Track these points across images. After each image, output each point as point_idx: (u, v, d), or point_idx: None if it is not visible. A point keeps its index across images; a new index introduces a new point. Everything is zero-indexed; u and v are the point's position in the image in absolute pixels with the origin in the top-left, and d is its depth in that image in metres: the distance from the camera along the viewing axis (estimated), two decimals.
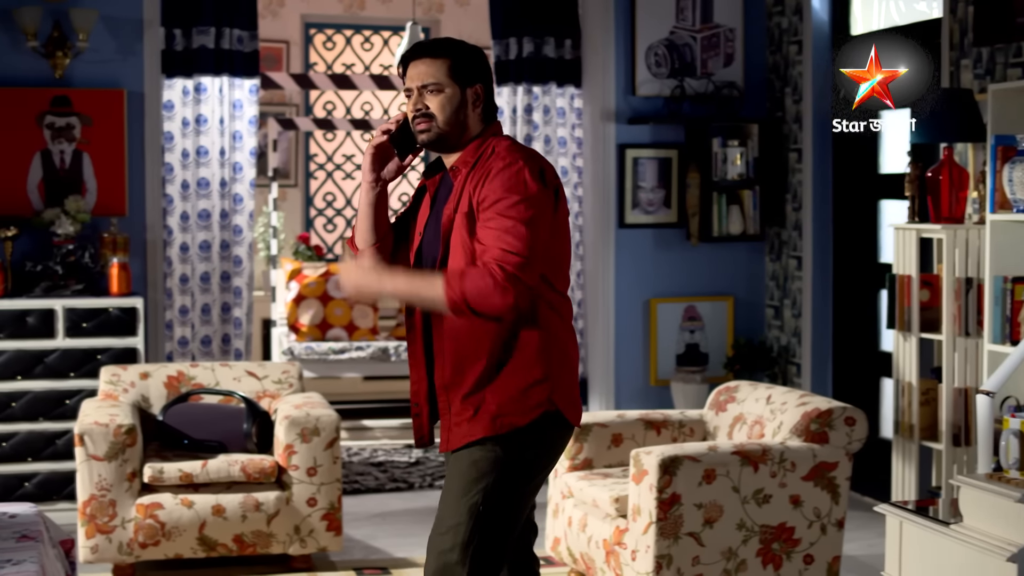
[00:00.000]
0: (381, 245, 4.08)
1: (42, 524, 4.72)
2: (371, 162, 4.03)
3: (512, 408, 3.85)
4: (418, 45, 3.98)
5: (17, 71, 7.58)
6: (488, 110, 4.01)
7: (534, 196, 3.79)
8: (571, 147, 8.36)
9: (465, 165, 3.93)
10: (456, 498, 3.86)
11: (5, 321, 7.12)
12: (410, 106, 3.96)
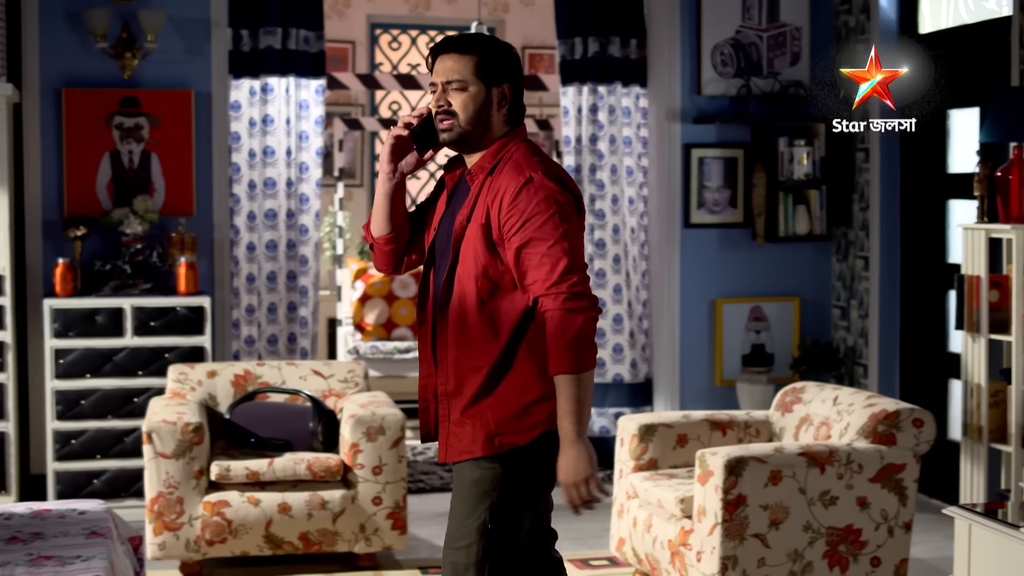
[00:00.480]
0: (396, 235, 4.02)
1: (111, 521, 4.76)
2: (389, 153, 3.93)
3: (511, 427, 3.78)
4: (447, 39, 3.87)
5: (86, 72, 7.65)
6: (515, 111, 3.90)
7: (562, 206, 3.71)
8: (636, 147, 8.34)
9: (482, 171, 3.84)
10: (464, 517, 3.80)
11: (74, 320, 7.19)
12: (433, 101, 3.86)
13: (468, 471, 3.81)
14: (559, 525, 7.16)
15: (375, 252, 4.07)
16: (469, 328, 3.78)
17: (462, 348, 3.80)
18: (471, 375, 3.79)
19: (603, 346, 8.43)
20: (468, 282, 3.78)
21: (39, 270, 7.61)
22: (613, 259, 8.40)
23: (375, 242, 4.05)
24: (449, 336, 3.82)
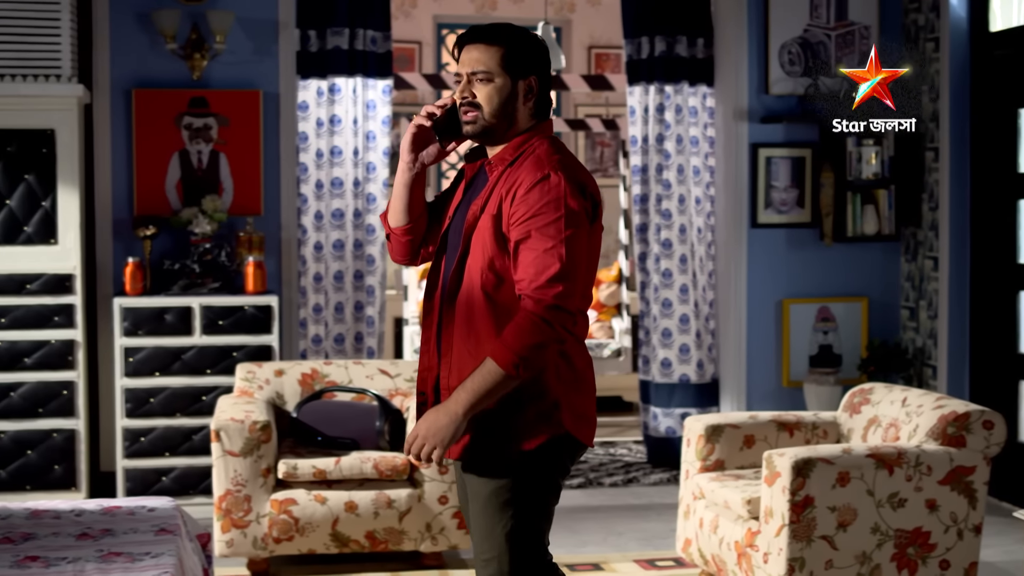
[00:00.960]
0: (413, 226, 3.92)
1: (180, 518, 4.79)
2: (410, 142, 3.83)
3: (521, 434, 3.68)
4: (473, 29, 3.77)
5: (156, 73, 7.72)
6: (541, 105, 3.79)
7: (572, 212, 3.58)
8: (703, 146, 8.31)
9: (501, 163, 3.73)
10: (488, 530, 3.73)
11: (144, 318, 7.25)
12: (458, 92, 3.76)
13: (483, 484, 3.73)
14: (627, 525, 7.16)
15: (392, 242, 3.97)
16: (475, 322, 3.68)
17: (467, 343, 3.69)
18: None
19: (669, 346, 8.41)
20: (475, 274, 3.68)
21: (109, 269, 7.68)
22: (680, 259, 8.38)
23: (392, 232, 3.95)
24: (455, 329, 3.72)
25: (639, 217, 8.48)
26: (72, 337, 7.22)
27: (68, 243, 7.22)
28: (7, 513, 4.85)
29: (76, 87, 7.19)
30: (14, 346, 7.18)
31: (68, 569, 4.17)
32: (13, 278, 7.17)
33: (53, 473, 7.22)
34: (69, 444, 7.23)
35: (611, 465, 8.63)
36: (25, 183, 7.18)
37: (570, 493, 7.93)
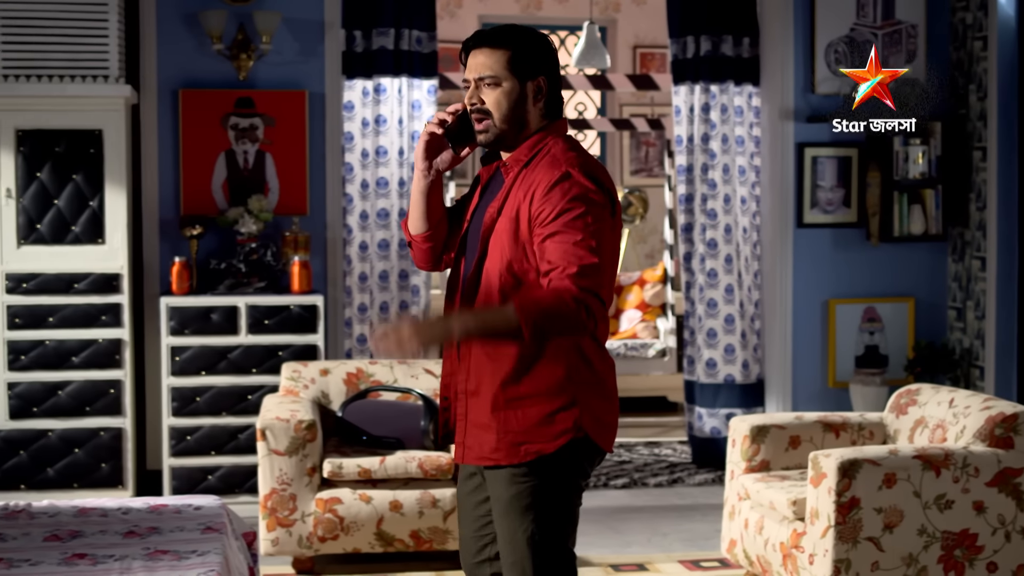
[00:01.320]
0: (433, 233, 3.87)
1: (226, 516, 4.81)
2: (424, 150, 3.78)
3: (536, 435, 3.64)
4: (478, 34, 3.73)
5: (203, 73, 7.75)
6: (552, 104, 3.74)
7: (594, 208, 3.55)
8: (749, 146, 8.29)
9: (516, 164, 3.69)
10: (511, 534, 3.70)
11: (190, 318, 7.29)
12: (466, 99, 3.72)
13: (504, 488, 3.69)
14: (671, 525, 7.15)
15: (414, 249, 3.93)
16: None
17: (485, 346, 3.66)
18: (493, 376, 3.66)
19: (714, 346, 8.40)
20: (494, 277, 3.64)
21: (156, 269, 7.72)
22: (725, 259, 8.35)
23: (413, 239, 3.91)
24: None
25: (684, 217, 8.46)
26: (119, 336, 7.27)
27: (115, 243, 7.26)
28: (55, 511, 4.88)
29: (124, 87, 7.24)
30: (62, 345, 7.23)
31: (115, 567, 4.19)
32: (61, 277, 7.23)
33: (100, 471, 7.27)
34: (116, 442, 7.28)
35: (656, 465, 8.61)
36: (73, 183, 7.23)
37: (615, 493, 7.93)
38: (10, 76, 7.19)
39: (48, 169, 7.22)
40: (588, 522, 7.16)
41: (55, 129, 7.22)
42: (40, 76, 7.21)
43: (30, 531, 4.61)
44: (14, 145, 7.18)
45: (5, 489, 7.19)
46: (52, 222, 7.23)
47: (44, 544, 4.46)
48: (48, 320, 7.22)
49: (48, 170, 7.22)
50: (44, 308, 7.23)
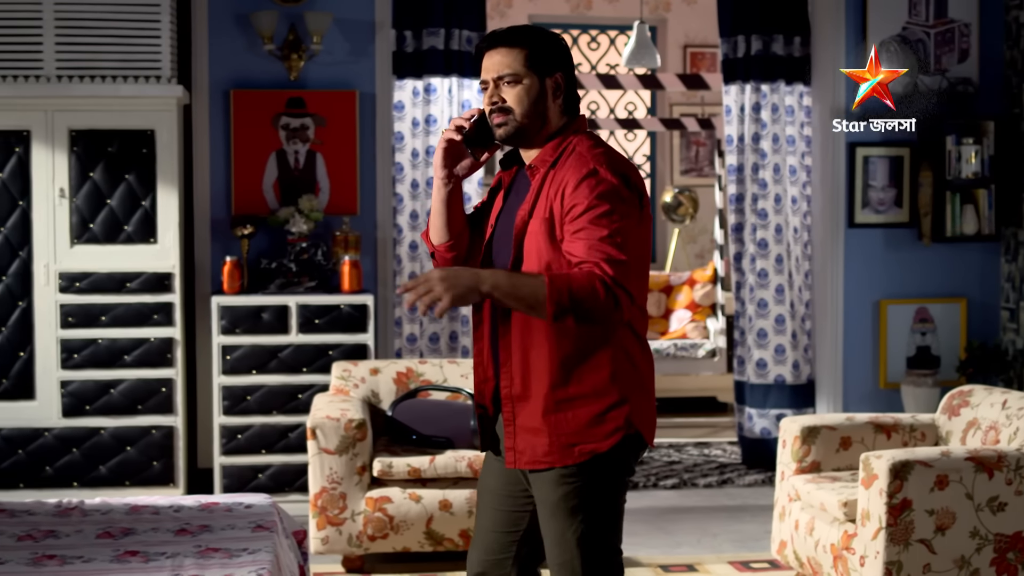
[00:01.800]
0: (455, 242, 3.85)
1: (276, 515, 4.83)
2: (442, 157, 3.77)
3: (590, 435, 3.63)
4: (492, 34, 3.74)
5: (254, 73, 7.79)
6: (570, 101, 3.75)
7: (624, 205, 3.55)
8: (799, 145, 8.25)
9: (543, 164, 3.68)
10: (560, 535, 3.68)
11: (241, 317, 7.32)
12: (486, 99, 3.72)
13: (551, 489, 3.68)
14: (721, 526, 7.13)
15: (437, 260, 3.90)
16: (537, 328, 3.63)
17: (529, 350, 3.65)
18: (541, 378, 3.64)
19: (765, 347, 8.36)
20: None
21: (207, 268, 7.76)
22: (776, 259, 8.32)
23: (436, 250, 3.88)
24: (513, 337, 3.67)
25: (735, 217, 8.43)
26: (171, 335, 7.31)
27: (167, 242, 7.31)
28: (107, 508, 4.92)
29: (176, 88, 7.28)
30: (114, 344, 7.28)
31: (167, 564, 4.21)
32: (114, 277, 7.28)
33: (152, 469, 7.32)
34: (167, 441, 7.32)
35: (705, 466, 8.59)
36: (126, 183, 7.28)
37: (664, 494, 7.91)
38: (64, 77, 7.24)
39: (101, 169, 7.27)
40: (638, 522, 7.16)
41: (108, 129, 7.27)
42: (93, 77, 7.26)
43: (83, 528, 4.65)
44: (68, 145, 7.24)
45: (58, 486, 7.24)
46: (105, 222, 7.28)
47: (97, 541, 4.50)
48: (101, 319, 7.27)
49: (101, 170, 7.27)
50: (97, 307, 7.28)
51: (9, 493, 7.14)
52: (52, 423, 7.28)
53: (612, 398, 3.65)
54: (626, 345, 3.67)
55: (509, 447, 3.72)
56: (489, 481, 3.91)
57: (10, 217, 7.24)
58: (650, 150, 13.13)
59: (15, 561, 4.26)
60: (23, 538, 4.53)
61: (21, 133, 7.23)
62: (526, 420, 3.68)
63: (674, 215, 12.46)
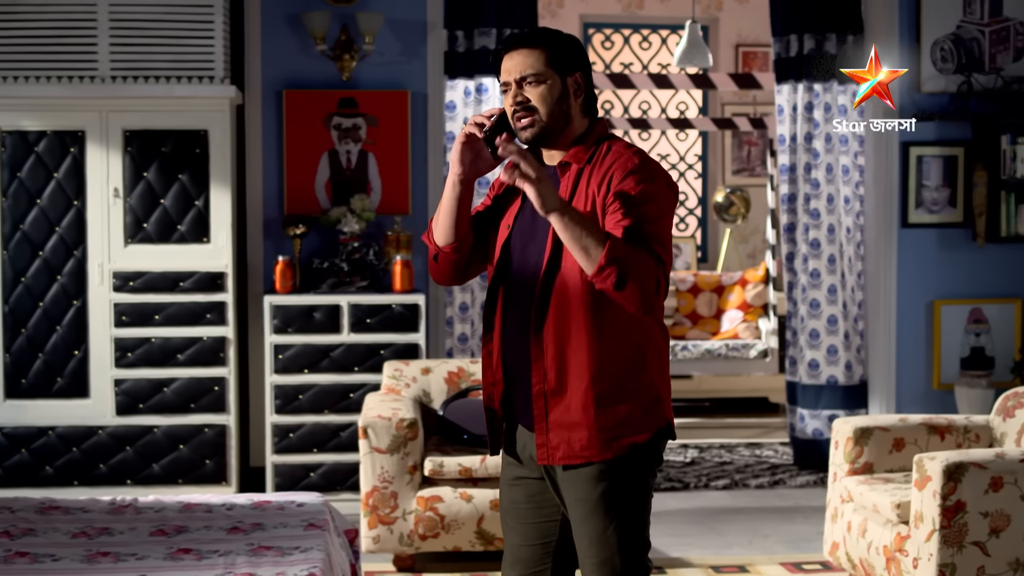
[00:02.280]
0: (460, 245, 3.80)
1: (328, 513, 4.85)
2: (459, 155, 3.71)
3: (631, 428, 3.65)
4: (511, 37, 3.72)
5: (306, 74, 7.82)
6: (589, 101, 3.76)
7: (666, 204, 3.60)
8: (852, 145, 8.20)
9: (578, 161, 3.69)
10: (600, 531, 3.67)
11: (293, 316, 7.35)
12: (508, 100, 3.70)
13: (591, 486, 3.67)
14: (773, 527, 7.10)
15: (439, 262, 3.85)
16: (578, 324, 3.62)
17: (566, 345, 3.63)
18: (580, 373, 3.63)
19: (817, 347, 8.33)
20: (573, 276, 3.61)
21: (260, 267, 7.80)
22: (828, 259, 8.28)
23: (440, 251, 3.83)
24: (547, 333, 3.64)
25: (787, 216, 8.40)
26: (223, 334, 7.35)
27: (220, 242, 7.34)
28: (161, 506, 4.95)
29: (228, 88, 7.31)
30: (167, 343, 7.33)
31: (219, 562, 4.24)
32: (167, 276, 7.32)
33: (204, 467, 7.36)
34: (220, 439, 7.36)
35: (757, 467, 8.56)
36: (179, 183, 7.32)
37: (716, 494, 7.89)
38: (118, 77, 7.29)
39: (155, 169, 7.32)
40: (689, 523, 7.15)
41: (161, 129, 7.31)
42: (147, 77, 7.31)
43: (136, 526, 4.68)
44: (122, 145, 7.29)
45: (112, 484, 7.29)
46: (158, 221, 7.33)
47: (150, 539, 4.53)
48: (154, 318, 7.32)
49: (155, 170, 7.32)
50: (150, 306, 7.33)
51: (64, 490, 7.20)
52: (106, 421, 7.34)
53: (652, 392, 3.69)
54: (656, 338, 3.71)
55: (541, 444, 3.71)
56: (513, 496, 3.88)
57: (65, 217, 7.30)
58: (702, 150, 13.10)
59: (70, 558, 4.30)
60: (78, 535, 4.57)
61: (76, 133, 7.29)
62: (561, 415, 3.67)
63: (726, 215, 12.43)
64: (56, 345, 7.32)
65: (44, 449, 7.32)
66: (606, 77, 10.61)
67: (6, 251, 7.27)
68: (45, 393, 7.33)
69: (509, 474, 3.88)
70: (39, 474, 7.31)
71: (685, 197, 12.86)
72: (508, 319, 3.74)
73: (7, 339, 7.30)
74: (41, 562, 4.26)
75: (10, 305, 7.29)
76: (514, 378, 3.74)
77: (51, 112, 7.28)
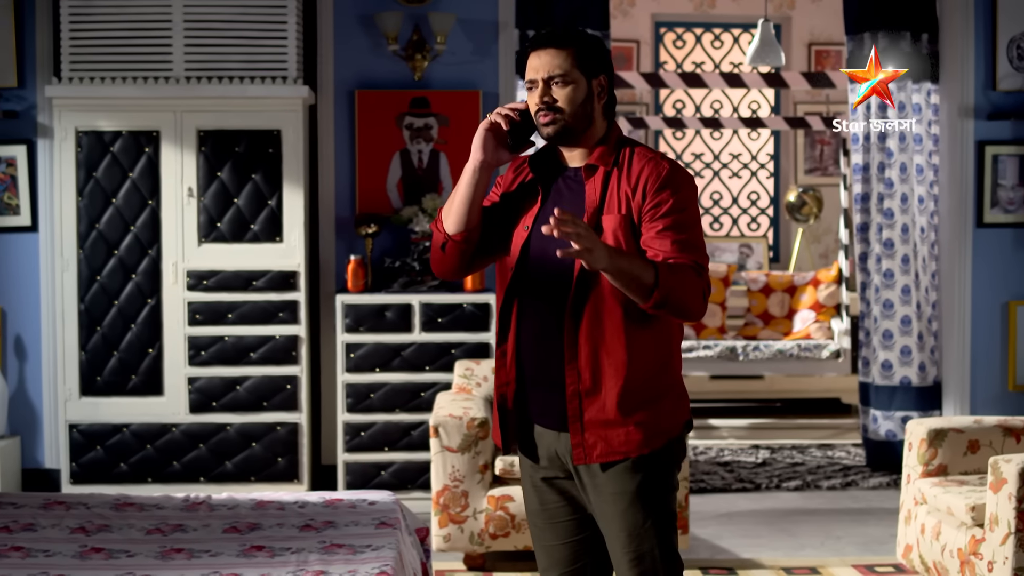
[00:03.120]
0: (470, 234, 3.79)
1: (399, 512, 4.87)
2: (482, 141, 3.75)
3: (666, 422, 3.70)
4: (540, 35, 3.75)
5: (378, 74, 7.85)
6: (610, 104, 3.79)
7: (695, 203, 3.67)
8: (927, 144, 8.13)
9: (605, 164, 3.70)
10: (638, 524, 3.69)
11: (365, 315, 7.38)
12: (533, 98, 3.72)
13: (628, 480, 3.69)
14: (845, 529, 7.06)
15: (446, 251, 3.83)
16: (613, 325, 3.64)
17: (600, 345, 3.65)
18: (615, 372, 3.65)
19: (890, 348, 8.26)
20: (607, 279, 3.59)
21: (332, 267, 7.84)
22: (902, 259, 8.22)
23: (449, 239, 3.81)
24: (581, 333, 3.64)
25: (860, 216, 8.34)
26: (296, 333, 7.39)
27: (293, 241, 7.39)
28: (234, 503, 4.98)
29: (301, 88, 7.35)
30: (241, 341, 7.38)
31: (292, 559, 4.26)
32: (240, 275, 7.37)
33: (276, 465, 7.40)
34: (292, 437, 7.41)
35: (829, 468, 8.50)
36: (252, 182, 7.37)
37: (787, 495, 7.85)
38: (192, 78, 7.35)
39: (228, 169, 7.37)
40: (760, 524, 7.12)
41: (235, 129, 7.36)
42: (221, 78, 7.37)
43: (210, 523, 4.72)
44: (196, 145, 7.35)
45: (185, 481, 7.36)
46: (232, 221, 7.38)
47: (223, 536, 4.56)
48: (227, 317, 7.37)
49: (228, 169, 7.37)
50: (224, 305, 7.38)
51: (138, 487, 7.27)
52: (180, 419, 7.40)
53: (679, 386, 3.78)
54: (678, 334, 3.80)
55: (576, 443, 3.71)
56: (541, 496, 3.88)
57: (140, 216, 7.37)
58: (774, 149, 13.03)
59: (144, 554, 4.34)
60: (152, 532, 4.61)
61: (151, 133, 7.36)
62: (596, 414, 3.69)
63: (798, 214, 12.36)
64: (131, 343, 7.39)
65: (119, 446, 7.39)
66: (678, 76, 10.58)
67: (82, 250, 7.35)
68: (120, 391, 7.40)
69: (533, 476, 3.88)
70: (113, 471, 7.39)
71: (719, 196, 12.78)
72: (526, 321, 3.76)
73: (83, 337, 7.38)
74: (116, 558, 4.30)
75: (86, 303, 7.36)
76: (531, 379, 3.75)
77: (126, 112, 7.35)
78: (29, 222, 7.66)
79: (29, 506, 4.91)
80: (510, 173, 3.90)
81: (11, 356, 7.71)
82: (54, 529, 4.62)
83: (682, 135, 12.62)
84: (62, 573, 4.13)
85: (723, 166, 12.86)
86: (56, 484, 7.59)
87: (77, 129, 7.34)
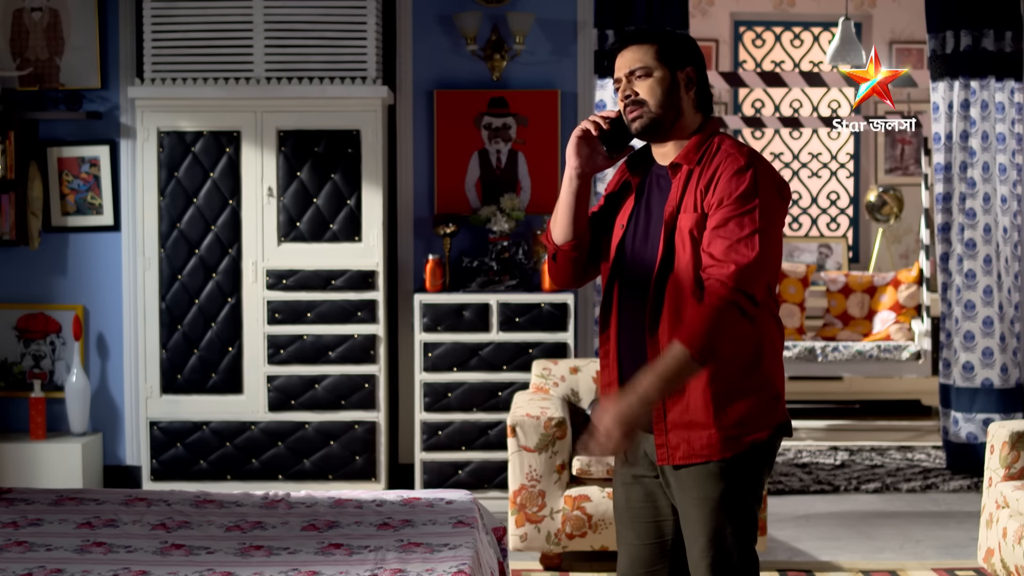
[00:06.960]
0: (579, 242, 3.80)
1: (477, 511, 4.87)
2: (576, 148, 3.76)
3: (752, 426, 3.64)
4: (623, 34, 3.77)
5: (457, 74, 7.87)
6: (703, 97, 3.75)
7: (769, 205, 3.59)
8: (1010, 143, 8.04)
9: (689, 161, 3.67)
10: (719, 528, 3.65)
11: (443, 314, 7.40)
12: (620, 95, 3.74)
13: (711, 484, 3.66)
14: (925, 532, 7.00)
15: (558, 262, 3.85)
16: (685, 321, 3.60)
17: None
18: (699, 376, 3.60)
19: (972, 349, 8.18)
20: (687, 276, 3.61)
21: (410, 266, 7.87)
22: (984, 260, 8.13)
23: (559, 250, 3.83)
24: (662, 334, 3.62)
25: (941, 216, 8.26)
26: (374, 332, 7.43)
27: (371, 240, 7.42)
28: (312, 501, 5.01)
29: (381, 88, 7.39)
30: (319, 340, 7.42)
31: (370, 558, 4.28)
32: (319, 274, 7.42)
33: (354, 464, 7.44)
34: (370, 436, 7.44)
35: (909, 470, 8.43)
36: (331, 182, 7.41)
37: (867, 498, 7.79)
38: (272, 78, 7.41)
39: (308, 168, 7.42)
40: (839, 526, 7.07)
41: (315, 130, 7.41)
42: (301, 78, 7.41)
43: (288, 520, 4.75)
44: (276, 145, 7.40)
45: (264, 479, 7.41)
46: (311, 220, 7.42)
47: (302, 533, 4.59)
48: (306, 315, 7.42)
49: (308, 169, 7.42)
50: (303, 304, 7.43)
51: (217, 484, 7.33)
52: (259, 417, 7.46)
53: (771, 389, 3.69)
54: (771, 333, 3.70)
55: (660, 444, 3.70)
56: (628, 494, 3.88)
57: (221, 215, 7.43)
58: (854, 148, 12.93)
59: (224, 551, 4.38)
60: (231, 528, 4.65)
61: (232, 134, 7.42)
62: (679, 415, 3.66)
63: (878, 214, 12.26)
64: (211, 342, 7.46)
65: (198, 444, 7.46)
66: (757, 76, 10.52)
67: (164, 249, 7.43)
68: (200, 389, 7.47)
69: (623, 473, 3.89)
70: (193, 468, 7.46)
71: (798, 196, 12.70)
72: (624, 319, 3.75)
73: (164, 335, 7.46)
74: (196, 554, 4.34)
75: (167, 302, 7.44)
76: (629, 378, 3.70)
77: (207, 113, 7.42)
78: (112, 222, 7.75)
79: (111, 502, 4.96)
80: (615, 176, 3.89)
81: (93, 354, 7.80)
82: (135, 525, 4.67)
83: (761, 134, 12.55)
84: (143, 569, 4.18)
85: (802, 165, 12.77)
86: (137, 481, 7.68)
87: (159, 129, 7.42)
